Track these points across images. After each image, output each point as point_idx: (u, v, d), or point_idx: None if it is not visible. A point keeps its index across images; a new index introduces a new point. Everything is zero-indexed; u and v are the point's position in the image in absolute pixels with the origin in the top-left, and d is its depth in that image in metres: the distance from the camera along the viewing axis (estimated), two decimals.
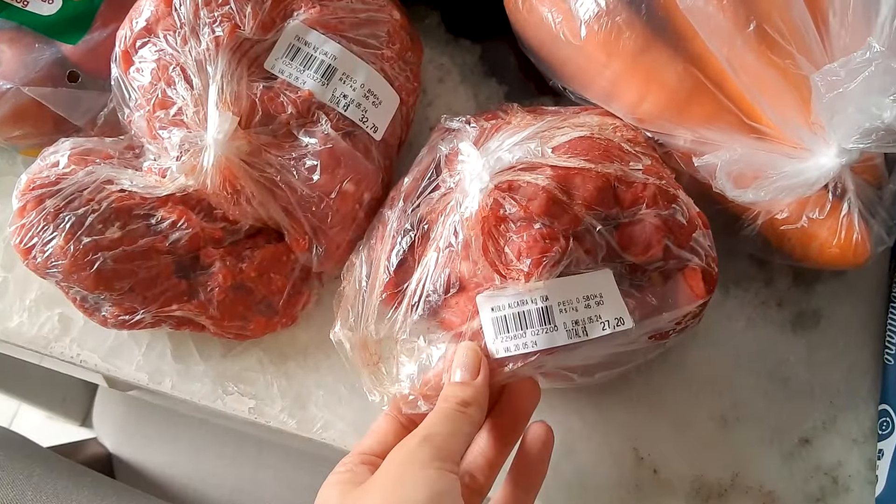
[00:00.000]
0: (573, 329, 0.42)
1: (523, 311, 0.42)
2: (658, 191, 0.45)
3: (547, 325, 0.42)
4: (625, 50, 0.49)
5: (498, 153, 0.46)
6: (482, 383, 0.41)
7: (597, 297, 0.43)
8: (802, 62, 0.45)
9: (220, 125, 0.47)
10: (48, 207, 0.47)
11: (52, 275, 0.47)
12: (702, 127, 0.48)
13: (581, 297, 0.43)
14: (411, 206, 0.49)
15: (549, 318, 0.42)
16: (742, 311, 0.53)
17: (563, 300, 0.42)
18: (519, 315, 0.43)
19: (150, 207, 0.48)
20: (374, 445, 0.42)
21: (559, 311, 0.42)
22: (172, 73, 0.48)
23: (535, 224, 0.43)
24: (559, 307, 0.42)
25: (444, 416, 0.39)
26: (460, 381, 0.41)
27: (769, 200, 0.47)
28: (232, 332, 0.50)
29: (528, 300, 0.42)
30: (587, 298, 0.43)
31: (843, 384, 0.52)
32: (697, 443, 0.51)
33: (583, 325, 0.42)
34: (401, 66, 0.53)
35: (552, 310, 0.42)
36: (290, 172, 0.48)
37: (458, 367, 0.42)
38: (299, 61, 0.49)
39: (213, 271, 0.49)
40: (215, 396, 0.51)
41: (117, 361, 0.52)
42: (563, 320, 0.42)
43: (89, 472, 0.66)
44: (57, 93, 0.51)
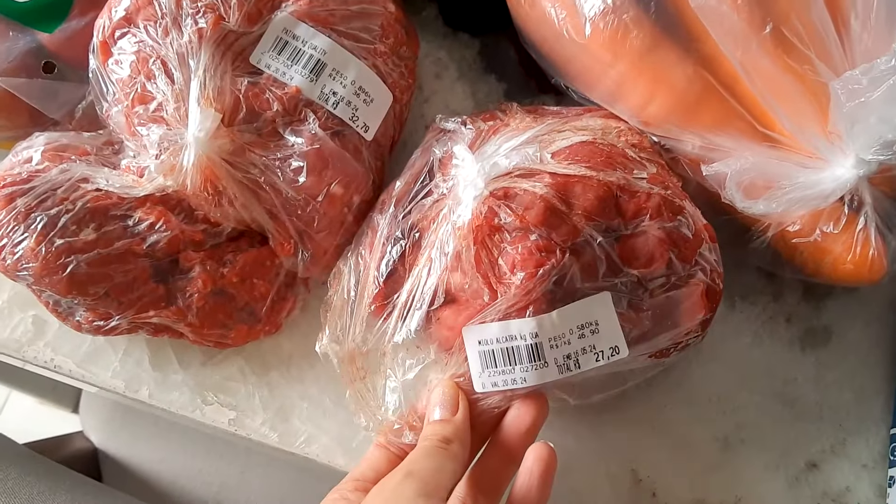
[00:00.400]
0: (564, 363, 0.40)
1: (511, 347, 0.40)
2: (663, 201, 0.43)
3: (537, 362, 0.40)
4: (632, 49, 0.46)
5: (494, 158, 0.43)
6: (462, 419, 0.40)
7: (592, 325, 0.40)
8: (821, 68, 0.42)
9: (202, 122, 0.44)
10: (19, 206, 0.44)
11: (23, 278, 0.45)
12: (711, 132, 0.46)
13: (575, 326, 0.40)
14: (402, 211, 0.46)
15: (539, 355, 0.40)
16: (749, 327, 0.51)
17: (555, 335, 0.40)
18: (507, 350, 0.40)
19: (127, 208, 0.46)
20: (368, 472, 0.41)
21: (550, 347, 0.40)
22: (153, 66, 0.46)
23: (532, 235, 0.41)
24: (550, 343, 0.40)
25: (426, 452, 0.38)
26: (440, 418, 0.40)
27: (781, 212, 0.44)
28: (212, 339, 0.48)
29: (516, 336, 0.40)
30: (581, 328, 0.40)
31: (854, 406, 0.49)
32: (699, 465, 0.48)
33: (575, 359, 0.40)
34: (395, 62, 0.50)
35: (542, 346, 0.40)
36: (274, 173, 0.46)
37: (436, 406, 0.41)
38: (287, 56, 0.47)
39: (193, 276, 0.47)
40: (194, 406, 0.49)
41: (93, 367, 0.50)
42: (553, 356, 0.40)
43: (69, 473, 0.64)
44: (31, 84, 0.49)
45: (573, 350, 0.41)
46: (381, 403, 0.44)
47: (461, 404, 0.41)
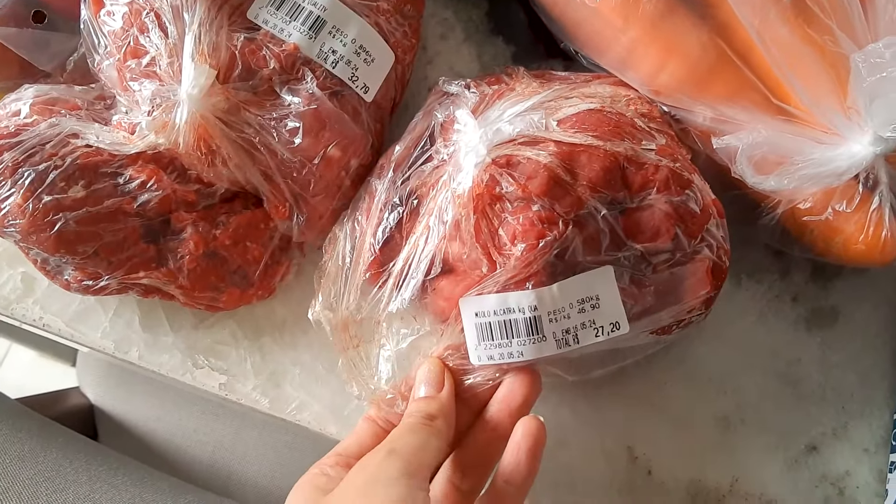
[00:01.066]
0: (563, 338, 0.39)
1: (509, 320, 0.39)
2: (671, 174, 0.41)
3: (535, 336, 0.39)
4: (644, 15, 0.44)
5: (498, 124, 0.42)
6: (447, 396, 0.40)
7: (593, 299, 0.39)
8: (842, 39, 0.40)
9: (196, 79, 0.43)
10: (6, 161, 0.43)
11: (10, 234, 0.44)
12: (724, 103, 0.44)
13: (576, 300, 0.39)
14: (401, 177, 0.45)
15: (538, 329, 0.39)
16: (754, 305, 0.49)
17: (554, 309, 0.39)
18: (504, 323, 0.39)
19: (118, 165, 0.45)
20: (352, 447, 0.40)
21: (549, 321, 0.39)
22: (146, 18, 0.44)
23: (534, 206, 0.40)
24: (549, 316, 0.39)
25: (410, 429, 0.37)
26: (424, 395, 0.40)
27: (792, 189, 0.43)
28: (203, 303, 0.47)
29: (515, 308, 0.39)
30: (582, 302, 0.39)
31: (858, 389, 0.48)
32: (696, 444, 0.48)
33: (574, 334, 0.39)
34: (398, 21, 0.48)
35: (541, 320, 0.39)
36: (270, 134, 0.44)
37: (421, 383, 0.40)
38: (285, 11, 0.45)
39: (185, 237, 0.46)
40: (184, 370, 0.48)
41: (82, 327, 0.49)
42: (552, 330, 0.39)
43: (61, 430, 0.64)
44: (21, 34, 0.47)
45: (572, 325, 0.39)
46: (374, 373, 0.43)
47: (446, 381, 0.40)
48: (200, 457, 0.80)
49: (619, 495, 0.47)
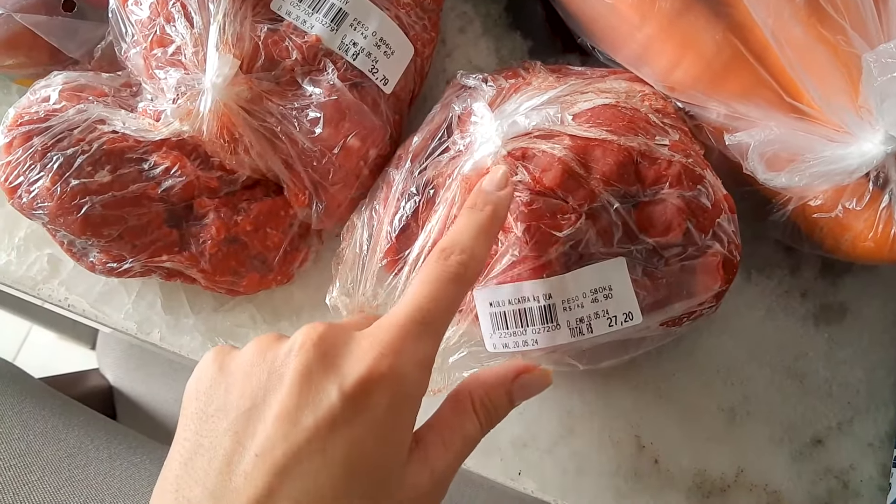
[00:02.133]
0: (577, 327, 0.40)
1: (524, 309, 0.40)
2: (683, 170, 0.42)
3: (549, 324, 0.40)
4: (660, 12, 0.45)
5: (513, 117, 0.43)
6: (508, 194, 0.39)
7: (606, 289, 0.40)
8: (855, 39, 0.41)
9: (220, 68, 0.44)
10: (36, 145, 0.44)
11: (38, 216, 0.45)
12: (737, 100, 0.45)
13: (589, 290, 0.40)
14: (418, 167, 0.46)
15: (552, 317, 0.40)
16: (763, 300, 0.50)
17: (568, 297, 0.40)
18: (519, 312, 0.40)
19: (143, 151, 0.46)
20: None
21: (563, 310, 0.40)
22: (172, 8, 0.45)
23: (547, 197, 0.41)
24: (563, 305, 0.40)
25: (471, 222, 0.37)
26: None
27: (803, 186, 0.43)
28: (223, 287, 0.48)
29: (529, 297, 0.40)
30: (595, 292, 0.40)
31: (864, 384, 0.49)
32: (703, 435, 0.48)
33: (587, 323, 0.40)
34: (418, 14, 0.49)
35: (555, 308, 0.40)
36: (291, 123, 0.45)
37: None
38: (308, 3, 0.46)
39: (207, 223, 0.47)
40: (204, 351, 0.49)
41: (106, 308, 0.50)
42: (566, 318, 0.40)
43: (83, 409, 0.65)
44: (51, 21, 0.48)
45: (586, 314, 0.40)
46: None
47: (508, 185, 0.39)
48: None
49: (626, 482, 0.48)
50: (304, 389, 0.31)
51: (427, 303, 0.34)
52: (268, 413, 0.31)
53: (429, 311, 0.34)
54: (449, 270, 0.35)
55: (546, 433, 0.48)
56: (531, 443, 0.48)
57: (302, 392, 0.31)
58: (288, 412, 0.31)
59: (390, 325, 0.33)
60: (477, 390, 0.37)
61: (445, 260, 0.35)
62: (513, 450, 0.48)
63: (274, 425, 0.31)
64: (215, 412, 0.32)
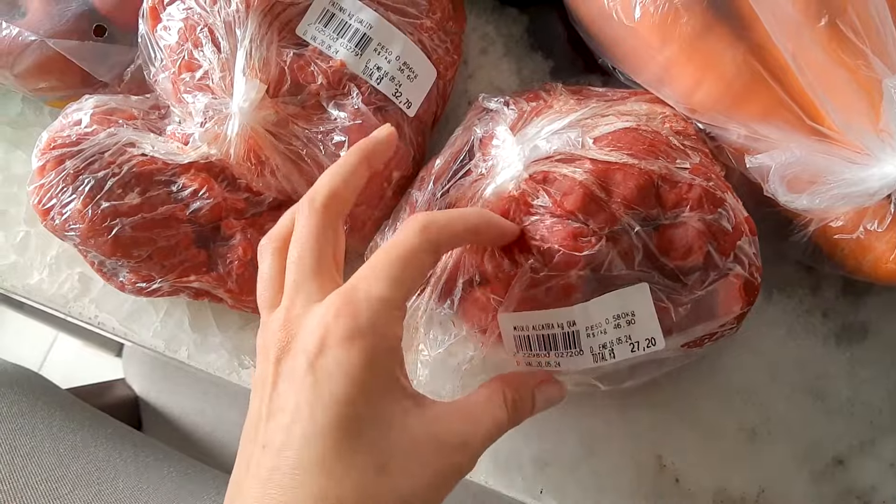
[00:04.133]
0: (599, 353, 0.40)
1: (548, 335, 0.40)
2: (704, 193, 0.42)
3: (572, 349, 0.40)
4: (681, 35, 0.45)
5: (535, 141, 0.43)
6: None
7: (629, 315, 0.40)
8: (876, 63, 0.41)
9: (247, 93, 0.45)
10: (68, 168, 0.46)
11: (70, 238, 0.46)
12: (758, 122, 0.45)
13: (612, 316, 0.40)
14: (441, 189, 0.46)
15: (575, 343, 0.40)
16: (784, 319, 0.50)
17: (592, 324, 0.40)
18: (543, 337, 0.41)
19: (171, 174, 0.47)
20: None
21: (586, 336, 0.40)
22: (200, 34, 0.46)
23: (569, 221, 0.41)
24: (586, 331, 0.40)
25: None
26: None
27: (824, 208, 0.44)
28: (250, 306, 0.49)
29: (553, 324, 0.40)
30: (618, 318, 0.40)
31: (886, 404, 0.49)
32: (724, 454, 0.49)
33: (610, 349, 0.40)
34: (440, 38, 0.50)
35: (578, 335, 0.40)
36: (317, 147, 0.46)
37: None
38: (333, 28, 0.47)
39: (234, 243, 0.48)
40: (230, 369, 0.51)
41: (135, 326, 0.52)
42: (589, 345, 0.40)
43: (110, 421, 0.66)
44: (82, 46, 0.49)
45: (609, 339, 0.41)
46: (413, 377, 0.45)
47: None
48: None
49: (647, 502, 0.48)
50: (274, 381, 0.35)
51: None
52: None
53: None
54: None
55: (567, 452, 0.49)
56: (553, 461, 0.49)
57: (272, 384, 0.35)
58: (269, 400, 0.34)
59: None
60: (509, 385, 0.38)
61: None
62: (534, 468, 0.49)
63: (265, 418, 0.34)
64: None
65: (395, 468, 0.33)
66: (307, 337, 0.34)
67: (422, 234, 0.36)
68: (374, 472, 0.32)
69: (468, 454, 0.35)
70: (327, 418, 0.32)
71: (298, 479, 0.32)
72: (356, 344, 0.33)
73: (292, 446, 0.32)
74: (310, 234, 0.37)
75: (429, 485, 0.33)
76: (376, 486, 0.32)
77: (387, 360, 0.34)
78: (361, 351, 0.33)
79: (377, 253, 0.36)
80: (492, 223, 0.40)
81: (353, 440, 0.32)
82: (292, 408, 0.33)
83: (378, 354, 0.33)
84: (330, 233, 0.38)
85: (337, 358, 0.33)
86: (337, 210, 0.39)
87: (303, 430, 0.32)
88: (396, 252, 0.35)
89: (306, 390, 0.33)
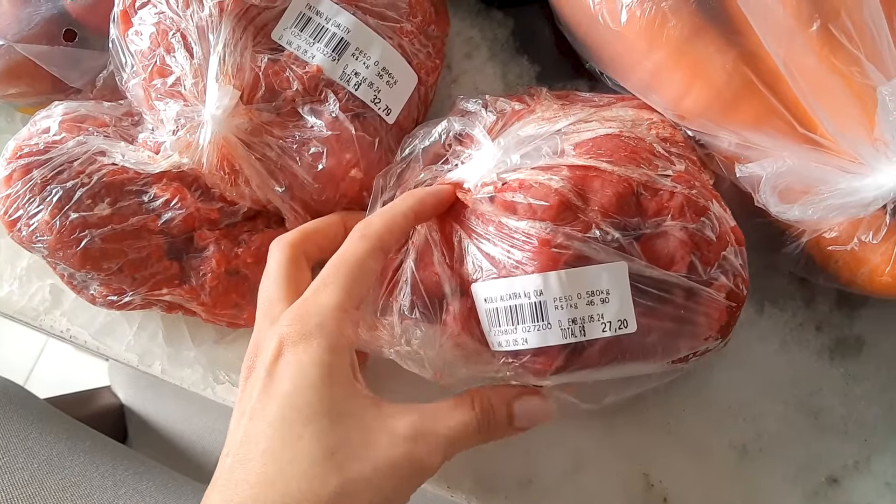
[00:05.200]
0: (569, 328, 0.39)
1: (515, 305, 0.39)
2: (686, 201, 0.41)
3: (539, 322, 0.39)
4: (669, 40, 0.43)
5: (512, 147, 0.42)
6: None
7: (603, 293, 0.39)
8: (870, 70, 0.39)
9: (220, 100, 0.43)
10: (35, 178, 0.44)
11: (38, 250, 0.45)
12: (748, 130, 0.43)
13: (584, 291, 0.39)
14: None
15: (542, 315, 0.39)
16: (776, 333, 0.49)
17: (561, 296, 0.38)
18: (510, 309, 0.39)
19: (143, 183, 0.45)
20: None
21: (554, 308, 0.39)
22: (172, 39, 0.45)
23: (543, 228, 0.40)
24: (555, 303, 0.39)
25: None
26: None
27: (817, 219, 0.42)
28: (224, 319, 0.48)
29: (520, 293, 0.39)
30: (591, 294, 0.39)
31: (882, 421, 0.47)
32: (714, 473, 0.47)
33: (581, 325, 0.39)
34: (422, 42, 0.48)
35: (545, 306, 0.39)
36: (291, 157, 0.45)
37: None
38: (309, 33, 0.45)
39: (207, 255, 0.46)
40: (205, 384, 0.49)
41: (107, 340, 0.50)
42: (557, 318, 0.39)
43: (89, 433, 0.65)
44: (52, 51, 0.48)
45: (579, 315, 0.39)
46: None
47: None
48: None
49: None
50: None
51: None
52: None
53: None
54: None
55: (552, 470, 0.47)
56: (537, 480, 0.47)
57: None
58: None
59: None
60: (480, 394, 0.40)
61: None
62: (518, 487, 0.47)
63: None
64: None
65: (344, 455, 0.34)
66: (266, 351, 0.37)
67: (362, 241, 0.38)
68: (323, 457, 0.33)
69: (425, 446, 0.36)
70: (274, 411, 0.34)
71: (252, 471, 0.33)
72: (304, 344, 0.35)
73: (246, 442, 0.34)
74: (278, 267, 0.41)
75: (381, 473, 0.34)
76: (324, 471, 0.33)
77: (336, 358, 0.36)
78: (309, 349, 0.35)
79: (326, 266, 0.38)
80: (425, 199, 0.41)
81: (300, 428, 0.34)
82: (249, 411, 0.35)
83: (326, 351, 0.35)
84: (299, 268, 0.42)
85: (287, 359, 0.35)
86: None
87: (254, 426, 0.35)
88: (341, 260, 0.38)
89: (260, 392, 0.35)
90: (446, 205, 0.42)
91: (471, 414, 0.38)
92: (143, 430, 0.84)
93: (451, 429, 0.37)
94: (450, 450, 0.37)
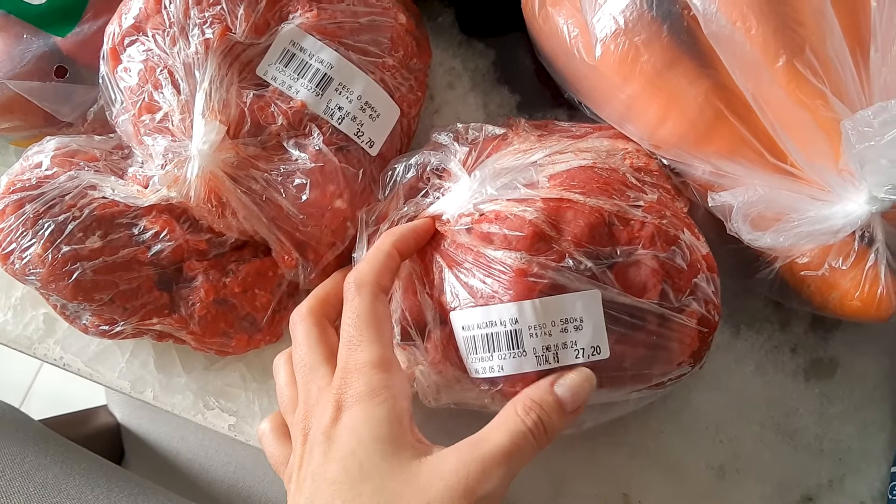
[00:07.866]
0: (543, 355, 0.40)
1: (491, 333, 0.41)
2: (657, 231, 0.42)
3: (514, 350, 0.40)
4: (642, 73, 0.45)
5: (488, 179, 0.43)
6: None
7: (576, 321, 0.40)
8: (835, 103, 0.41)
9: (206, 135, 0.44)
10: (28, 212, 0.45)
11: (31, 282, 0.46)
12: (721, 159, 0.45)
13: (558, 319, 0.40)
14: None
15: (518, 343, 0.40)
16: (752, 355, 0.50)
17: (536, 324, 0.40)
18: (487, 336, 0.41)
19: (133, 216, 0.47)
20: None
21: (529, 336, 0.40)
22: (160, 75, 0.46)
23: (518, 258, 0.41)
24: (529, 331, 0.40)
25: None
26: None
27: (788, 246, 0.43)
28: (213, 347, 0.49)
29: (496, 321, 0.40)
30: (565, 322, 0.40)
31: (856, 441, 0.49)
32: (692, 493, 0.48)
33: (554, 352, 0.40)
34: (404, 75, 0.49)
35: (521, 334, 0.40)
36: (276, 189, 0.46)
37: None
38: (293, 69, 0.46)
39: (196, 285, 0.47)
40: (196, 410, 0.50)
41: (100, 367, 0.51)
42: (532, 345, 0.40)
43: (85, 455, 0.66)
44: (44, 87, 0.49)
45: (553, 342, 0.40)
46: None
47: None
48: (222, 477, 0.82)
49: None
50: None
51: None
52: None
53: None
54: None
55: (533, 493, 0.48)
56: (519, 502, 0.48)
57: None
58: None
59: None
60: (518, 396, 0.39)
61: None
62: None
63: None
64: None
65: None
66: (322, 417, 0.39)
67: (363, 291, 0.41)
68: None
69: (475, 475, 0.36)
70: (335, 473, 0.37)
71: None
72: (357, 407, 0.38)
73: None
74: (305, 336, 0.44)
75: None
76: None
77: (387, 413, 0.38)
78: (362, 412, 0.38)
79: (342, 328, 0.41)
80: (406, 235, 0.43)
81: (360, 486, 0.36)
82: (310, 475, 0.38)
83: (377, 408, 0.38)
84: (325, 332, 0.44)
85: (344, 423, 0.38)
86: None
87: (317, 488, 0.37)
88: (356, 316, 0.40)
89: (321, 456, 0.38)
90: (427, 238, 0.44)
91: (516, 420, 0.38)
92: (140, 448, 0.85)
93: (500, 444, 0.37)
94: (510, 464, 0.37)
